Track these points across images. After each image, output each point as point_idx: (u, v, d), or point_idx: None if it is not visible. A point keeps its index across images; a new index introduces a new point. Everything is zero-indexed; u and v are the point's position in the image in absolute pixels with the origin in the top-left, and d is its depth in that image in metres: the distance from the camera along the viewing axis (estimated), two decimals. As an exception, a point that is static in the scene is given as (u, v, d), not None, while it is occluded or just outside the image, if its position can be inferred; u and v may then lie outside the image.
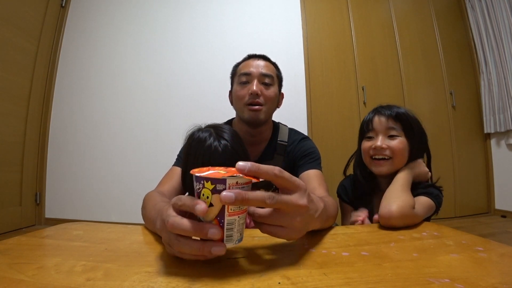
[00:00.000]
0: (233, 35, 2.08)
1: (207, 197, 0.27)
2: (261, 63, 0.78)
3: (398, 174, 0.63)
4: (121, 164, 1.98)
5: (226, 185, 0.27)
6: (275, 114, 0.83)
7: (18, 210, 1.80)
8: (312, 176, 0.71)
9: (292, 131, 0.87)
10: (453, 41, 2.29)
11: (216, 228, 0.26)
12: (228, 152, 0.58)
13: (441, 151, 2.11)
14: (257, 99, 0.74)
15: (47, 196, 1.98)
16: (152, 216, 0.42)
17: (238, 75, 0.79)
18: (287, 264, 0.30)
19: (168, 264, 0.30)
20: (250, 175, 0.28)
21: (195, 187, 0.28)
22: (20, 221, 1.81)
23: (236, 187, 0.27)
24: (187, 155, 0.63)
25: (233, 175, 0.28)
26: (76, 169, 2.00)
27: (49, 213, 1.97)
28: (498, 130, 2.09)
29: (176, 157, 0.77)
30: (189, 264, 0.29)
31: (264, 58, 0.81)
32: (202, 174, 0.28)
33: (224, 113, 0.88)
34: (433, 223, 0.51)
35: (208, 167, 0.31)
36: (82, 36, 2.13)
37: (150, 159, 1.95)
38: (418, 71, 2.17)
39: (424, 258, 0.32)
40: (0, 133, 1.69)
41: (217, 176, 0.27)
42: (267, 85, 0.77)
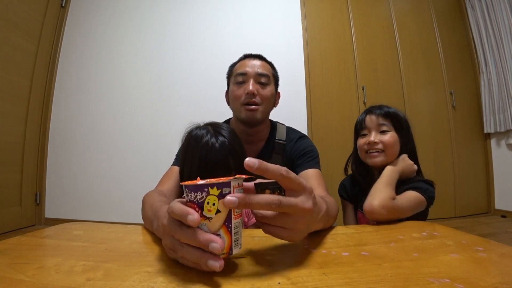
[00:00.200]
0: (233, 35, 2.08)
1: (213, 204, 0.26)
2: (257, 62, 0.78)
3: (384, 171, 0.68)
4: (121, 164, 1.98)
5: (231, 187, 0.27)
6: (274, 113, 0.83)
7: (18, 210, 1.80)
8: (311, 175, 0.71)
9: (289, 130, 0.87)
10: (453, 41, 2.29)
11: (219, 241, 0.25)
12: (225, 148, 0.58)
13: (441, 151, 2.10)
14: (253, 99, 0.74)
15: (47, 196, 1.98)
16: (150, 216, 0.42)
17: (234, 75, 0.78)
18: (287, 264, 0.30)
19: (168, 264, 0.30)
20: (258, 173, 0.28)
21: (195, 198, 0.27)
22: (20, 221, 1.81)
23: (238, 189, 0.28)
24: (184, 152, 0.62)
25: (235, 177, 0.28)
26: (76, 169, 2.00)
27: (49, 213, 1.97)
28: (498, 130, 2.09)
29: (175, 156, 0.77)
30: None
31: (260, 57, 0.81)
32: (203, 181, 0.27)
33: (224, 113, 0.88)
34: (433, 223, 0.51)
35: (195, 180, 0.30)
36: (82, 36, 2.14)
37: (150, 159, 1.95)
38: (418, 71, 2.16)
39: (424, 258, 0.32)
40: (0, 133, 1.69)
41: (218, 181, 0.26)
42: (263, 85, 0.76)
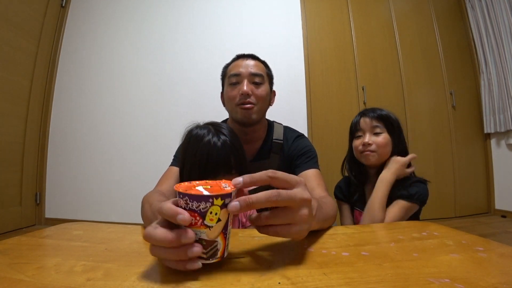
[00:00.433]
0: (233, 35, 2.08)
1: (215, 214, 0.27)
2: (250, 62, 0.77)
3: (379, 182, 0.72)
4: (121, 164, 1.98)
5: (231, 198, 0.28)
6: (274, 113, 0.83)
7: (18, 210, 1.80)
8: (310, 176, 0.71)
9: (287, 129, 0.86)
10: (453, 41, 2.29)
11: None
12: (227, 147, 0.58)
13: (441, 151, 2.10)
14: (248, 99, 0.73)
15: (47, 196, 1.98)
16: (149, 216, 0.42)
17: (228, 76, 0.78)
18: (287, 264, 0.30)
19: (168, 264, 0.30)
20: (247, 186, 0.29)
21: (197, 207, 0.27)
22: (20, 221, 1.81)
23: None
24: (184, 152, 0.62)
25: (230, 187, 0.29)
26: (76, 169, 2.00)
27: (49, 213, 1.97)
28: (498, 130, 2.09)
29: (173, 157, 0.77)
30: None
31: (253, 57, 0.80)
32: (209, 193, 0.27)
33: (224, 113, 0.87)
34: (433, 223, 0.51)
35: (188, 183, 0.30)
36: (82, 36, 2.14)
37: (150, 159, 1.95)
38: (418, 71, 2.16)
39: (424, 258, 0.32)
40: (0, 133, 1.69)
41: (222, 192, 0.28)
42: (257, 84, 0.76)
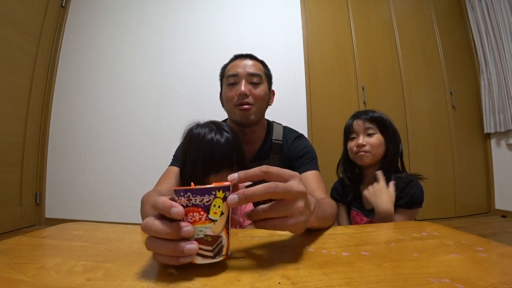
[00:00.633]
0: (232, 35, 2.08)
1: (219, 207, 0.27)
2: (248, 62, 0.77)
3: (386, 214, 0.70)
4: (121, 164, 1.98)
5: (230, 191, 0.29)
6: (274, 113, 0.83)
7: (18, 210, 1.80)
8: (310, 178, 0.71)
9: (286, 129, 0.86)
10: (453, 41, 2.29)
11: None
12: (230, 143, 0.59)
13: (441, 151, 2.10)
14: (246, 99, 0.73)
15: (47, 196, 1.98)
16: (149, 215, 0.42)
17: (226, 77, 0.78)
18: (287, 264, 0.30)
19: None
20: (242, 182, 0.30)
21: (201, 201, 0.27)
22: (20, 221, 1.81)
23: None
24: (185, 151, 0.62)
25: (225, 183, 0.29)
26: (76, 169, 2.00)
27: (49, 213, 1.97)
28: (498, 130, 2.09)
29: (172, 157, 0.77)
30: (188, 264, 0.28)
31: (251, 57, 0.80)
32: (210, 185, 0.27)
33: (223, 114, 0.87)
34: (433, 223, 0.51)
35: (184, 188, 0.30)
36: (82, 36, 2.14)
37: (150, 159, 1.95)
38: (418, 71, 2.16)
39: (424, 258, 0.32)
40: (0, 133, 1.69)
41: (222, 184, 0.28)
42: (255, 84, 0.75)
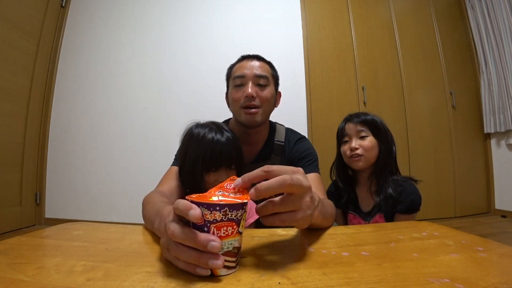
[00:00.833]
0: (232, 35, 2.08)
1: (243, 219, 0.28)
2: (255, 63, 0.76)
3: None
4: (121, 164, 1.98)
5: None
6: (274, 113, 0.83)
7: (18, 210, 1.80)
8: (310, 180, 0.71)
9: (288, 131, 0.86)
10: (453, 41, 2.29)
11: (217, 240, 0.25)
12: (230, 143, 0.60)
13: (441, 151, 2.10)
14: (252, 102, 0.72)
15: (47, 196, 1.98)
16: (151, 216, 0.42)
17: (233, 78, 0.77)
18: (287, 264, 0.30)
19: (168, 264, 0.30)
20: (246, 186, 0.30)
21: (235, 216, 0.27)
22: (20, 221, 1.81)
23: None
24: (185, 149, 0.62)
25: (228, 183, 0.31)
26: (76, 169, 2.00)
27: (49, 213, 1.97)
28: (498, 130, 2.09)
29: (174, 157, 0.77)
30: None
31: (258, 58, 0.79)
32: (239, 201, 0.28)
33: (223, 115, 0.87)
34: (433, 223, 0.51)
35: (200, 195, 0.29)
36: (82, 36, 2.13)
37: (150, 159, 1.95)
38: (418, 71, 2.16)
39: (424, 258, 0.32)
40: (0, 133, 1.69)
41: (247, 198, 0.29)
42: (262, 86, 0.74)
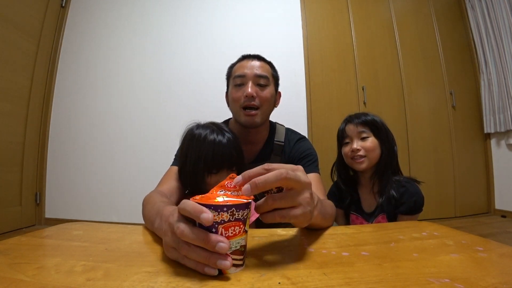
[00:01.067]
0: (232, 35, 2.08)
1: (248, 218, 0.28)
2: (256, 63, 0.76)
3: None
4: (121, 164, 1.98)
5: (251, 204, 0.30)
6: (274, 114, 0.83)
7: (18, 210, 1.80)
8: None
9: (288, 131, 0.86)
10: (453, 41, 2.29)
11: (226, 242, 0.26)
12: (231, 144, 0.61)
13: (441, 151, 2.10)
14: (252, 102, 0.72)
15: (47, 196, 1.98)
16: (151, 216, 0.42)
17: (233, 78, 0.77)
18: (287, 264, 0.30)
19: (168, 264, 0.30)
20: (247, 183, 0.30)
21: (242, 215, 0.27)
22: (20, 221, 1.81)
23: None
24: (186, 150, 0.62)
25: (229, 182, 0.31)
26: (76, 169, 2.00)
27: (49, 213, 1.97)
28: (498, 130, 2.09)
29: (174, 157, 0.77)
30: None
31: (259, 58, 0.79)
32: (245, 200, 0.28)
33: (223, 113, 0.87)
34: (433, 223, 0.51)
35: (204, 197, 0.29)
36: (82, 36, 2.13)
37: (150, 159, 1.95)
38: (418, 71, 2.16)
39: (424, 258, 0.32)
40: (0, 133, 1.69)
41: (247, 198, 0.29)
42: (262, 86, 0.74)
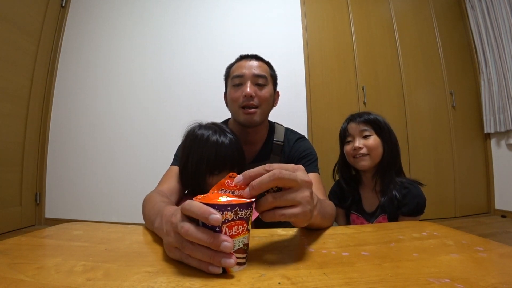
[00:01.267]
0: (232, 35, 2.08)
1: (251, 216, 0.29)
2: (254, 63, 0.76)
3: None
4: (121, 164, 1.98)
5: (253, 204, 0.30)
6: (274, 113, 0.83)
7: (18, 210, 1.80)
8: None
9: (288, 131, 0.86)
10: (453, 41, 2.29)
11: (230, 241, 0.26)
12: (233, 145, 0.61)
13: (441, 151, 2.10)
14: (251, 101, 0.72)
15: (47, 196, 1.98)
16: (152, 216, 0.42)
17: (231, 78, 0.77)
18: (287, 264, 0.30)
19: (168, 264, 0.30)
20: (246, 183, 0.30)
21: (245, 214, 0.28)
22: (20, 221, 1.81)
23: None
24: (188, 151, 0.63)
25: (229, 181, 0.31)
26: (76, 169, 2.00)
27: (49, 213, 1.97)
28: (498, 130, 2.09)
29: (174, 156, 0.77)
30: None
31: (257, 58, 0.79)
32: (248, 200, 0.28)
33: (223, 113, 0.87)
34: (433, 223, 0.51)
35: (206, 196, 0.30)
36: (82, 36, 2.13)
37: (150, 159, 1.95)
38: (418, 71, 2.16)
39: (424, 258, 0.32)
40: (0, 133, 1.69)
41: (248, 197, 0.29)
42: (260, 86, 0.75)
